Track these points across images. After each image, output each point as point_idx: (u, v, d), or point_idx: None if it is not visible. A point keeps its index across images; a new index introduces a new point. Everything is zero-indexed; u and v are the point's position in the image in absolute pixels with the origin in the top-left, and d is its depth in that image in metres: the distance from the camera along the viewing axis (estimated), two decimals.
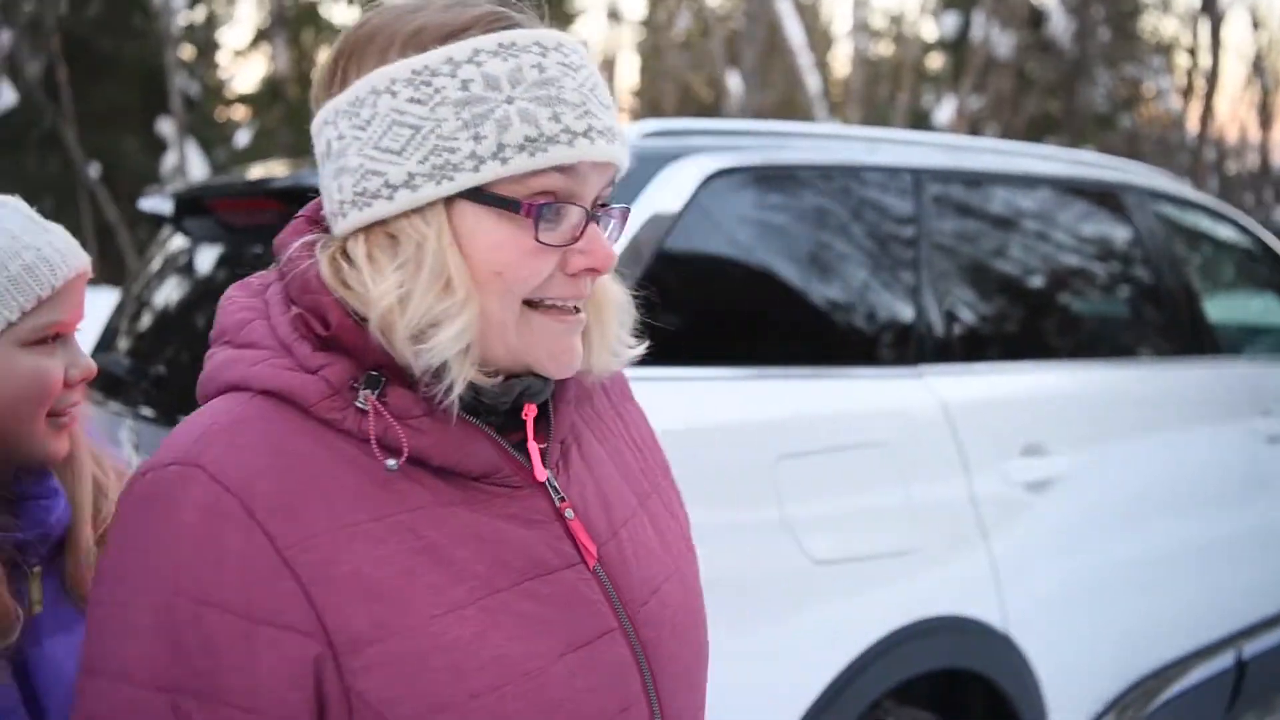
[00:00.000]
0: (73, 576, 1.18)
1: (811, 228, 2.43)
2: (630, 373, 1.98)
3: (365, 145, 0.87)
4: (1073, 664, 2.59)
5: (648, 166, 2.15)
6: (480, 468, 0.91)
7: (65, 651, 1.16)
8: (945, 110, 18.60)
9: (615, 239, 0.97)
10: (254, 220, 2.40)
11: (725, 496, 2.00)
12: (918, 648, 2.22)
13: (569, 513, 0.95)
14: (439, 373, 0.87)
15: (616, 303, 1.02)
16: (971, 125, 18.50)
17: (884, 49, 25.03)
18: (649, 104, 28.68)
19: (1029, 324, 2.84)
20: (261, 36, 22.78)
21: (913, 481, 2.26)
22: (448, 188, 0.86)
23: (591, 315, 0.98)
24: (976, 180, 2.74)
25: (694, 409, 2.03)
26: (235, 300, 0.96)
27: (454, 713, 0.84)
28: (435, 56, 0.86)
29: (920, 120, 19.80)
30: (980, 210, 2.75)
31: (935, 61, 22.93)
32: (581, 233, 0.90)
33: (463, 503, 0.90)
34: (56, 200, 20.91)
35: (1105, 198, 3.11)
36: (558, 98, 0.87)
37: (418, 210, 0.86)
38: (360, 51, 0.90)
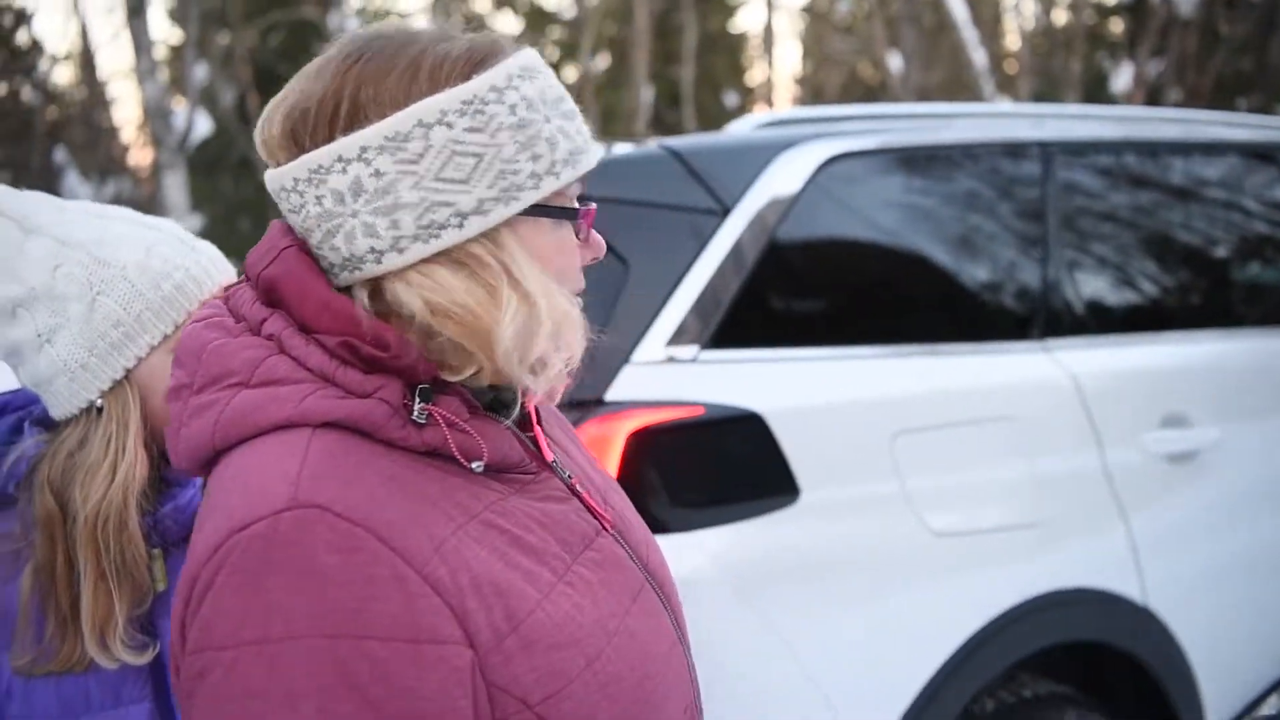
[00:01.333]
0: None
1: (931, 207, 2.44)
2: (747, 354, 2.07)
3: (424, 179, 0.88)
4: (1226, 644, 2.51)
5: (763, 155, 2.22)
6: (511, 461, 0.96)
7: None
8: (1123, 77, 17.72)
9: None
10: None
11: (842, 472, 2.05)
12: (1048, 619, 2.21)
13: (579, 487, 1.03)
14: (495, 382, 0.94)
15: None
16: (1151, 91, 17.58)
17: (1059, 17, 24.02)
18: (812, 91, 28.38)
19: (1168, 293, 2.76)
20: None
21: (1040, 455, 2.25)
22: (515, 208, 0.90)
23: None
24: (1107, 149, 2.68)
25: (811, 389, 2.09)
26: (225, 342, 0.93)
27: (579, 683, 0.89)
28: (480, 85, 0.90)
29: (1096, 89, 18.93)
30: (1111, 180, 2.69)
31: (1114, 27, 21.86)
32: (586, 229, 0.99)
33: (509, 493, 0.95)
34: (252, 219, 22.33)
35: (1248, 158, 2.98)
36: (572, 112, 0.96)
37: (485, 234, 0.90)
38: (375, 86, 0.89)
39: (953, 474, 2.15)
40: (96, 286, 1.28)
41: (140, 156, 22.04)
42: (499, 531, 0.91)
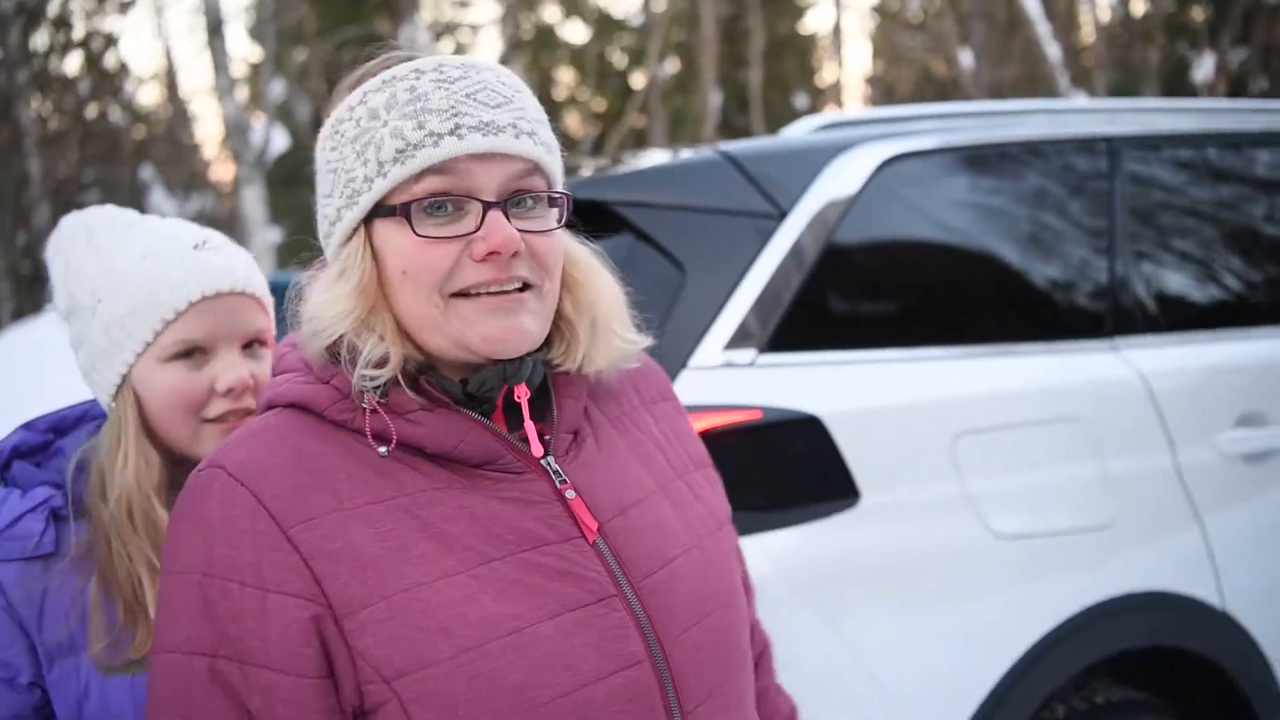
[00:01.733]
0: None
1: (992, 205, 2.41)
2: (805, 357, 2.06)
3: (319, 195, 1.06)
4: None
5: (820, 157, 2.22)
6: (479, 455, 1.02)
7: None
8: (1204, 67, 17.25)
9: (556, 222, 1.05)
10: None
11: (902, 475, 2.03)
12: (1119, 624, 2.16)
13: (569, 493, 1.04)
14: (379, 364, 1.00)
15: (606, 300, 1.11)
16: (1234, 80, 17.09)
17: (1137, 7, 23.46)
18: (883, 90, 28.10)
19: (1242, 289, 2.68)
20: (504, 62, 23.93)
21: (1109, 456, 2.21)
22: (357, 211, 1.01)
23: (575, 313, 1.09)
24: (1175, 142, 2.62)
25: (871, 390, 2.08)
26: (285, 341, 1.11)
27: (442, 667, 0.94)
28: (342, 107, 1.04)
29: (1176, 80, 18.44)
30: (1179, 174, 2.63)
31: (1196, 15, 21.28)
32: (481, 222, 0.98)
33: (460, 486, 1.01)
34: None
35: None
36: (424, 109, 0.99)
37: (348, 239, 1.03)
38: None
39: (1016, 475, 2.12)
40: (99, 294, 1.34)
41: (222, 172, 22.63)
42: (409, 516, 0.98)
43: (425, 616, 0.95)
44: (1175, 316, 2.47)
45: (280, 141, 16.89)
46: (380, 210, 1.01)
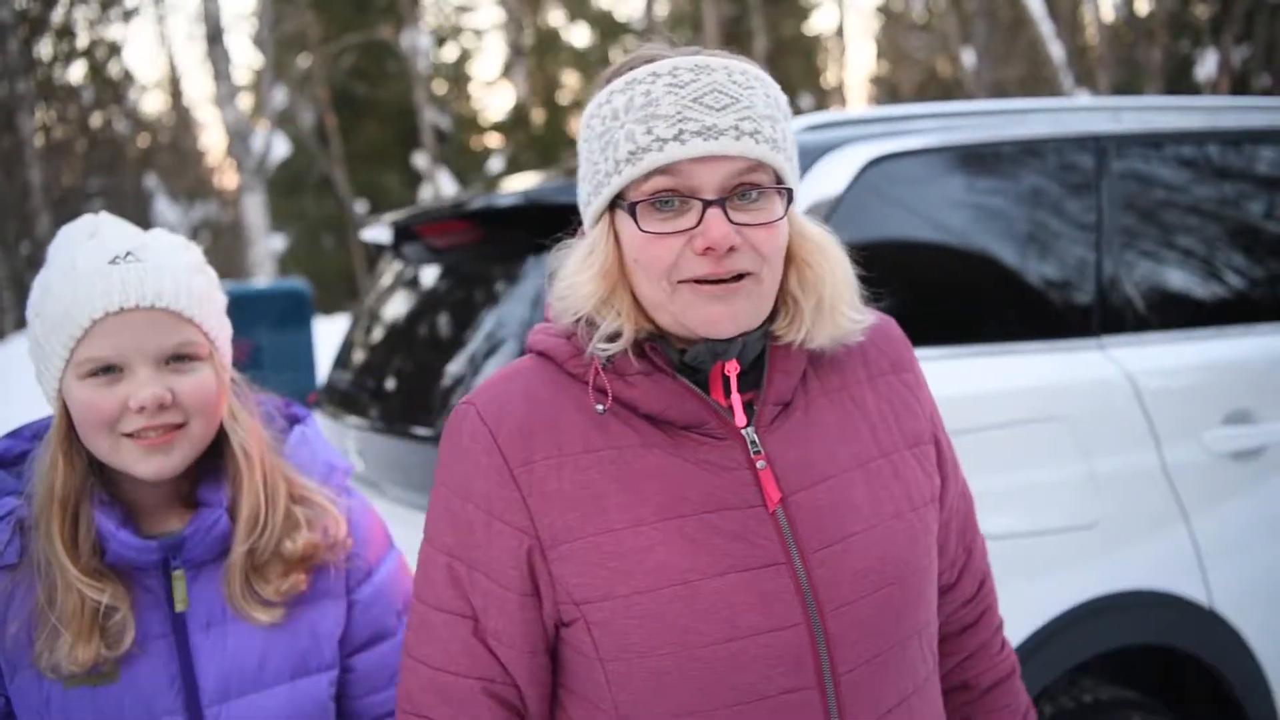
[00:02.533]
0: (223, 581, 1.37)
1: (979, 205, 2.41)
2: None
3: (580, 180, 1.20)
4: None
5: (806, 158, 2.22)
6: (686, 419, 1.15)
7: (217, 644, 1.36)
8: (1207, 64, 17.20)
9: (776, 216, 1.13)
10: (452, 241, 2.63)
11: None
12: (1107, 622, 2.16)
13: (760, 463, 1.14)
14: (612, 338, 1.14)
15: (835, 280, 1.20)
16: (1238, 78, 17.04)
17: (1140, 6, 23.41)
18: (887, 90, 28.08)
19: (1229, 287, 2.68)
20: (509, 66, 23.93)
21: (1095, 454, 2.21)
22: (601, 201, 1.14)
23: (801, 292, 1.18)
24: (1163, 141, 2.62)
25: None
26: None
27: (619, 602, 1.10)
28: (593, 103, 1.16)
29: (1179, 78, 18.40)
30: (1168, 172, 2.63)
31: (1199, 13, 21.21)
32: (700, 219, 1.09)
33: (666, 446, 1.14)
34: (335, 236, 22.81)
35: None
36: (653, 115, 1.09)
37: (597, 221, 1.17)
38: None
39: (1004, 475, 2.12)
40: (35, 308, 1.35)
41: (226, 180, 22.68)
42: (613, 467, 1.13)
43: (611, 558, 1.11)
44: (1162, 315, 2.47)
45: (282, 148, 16.95)
46: (617, 202, 1.14)
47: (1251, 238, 2.70)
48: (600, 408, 1.14)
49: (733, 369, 1.14)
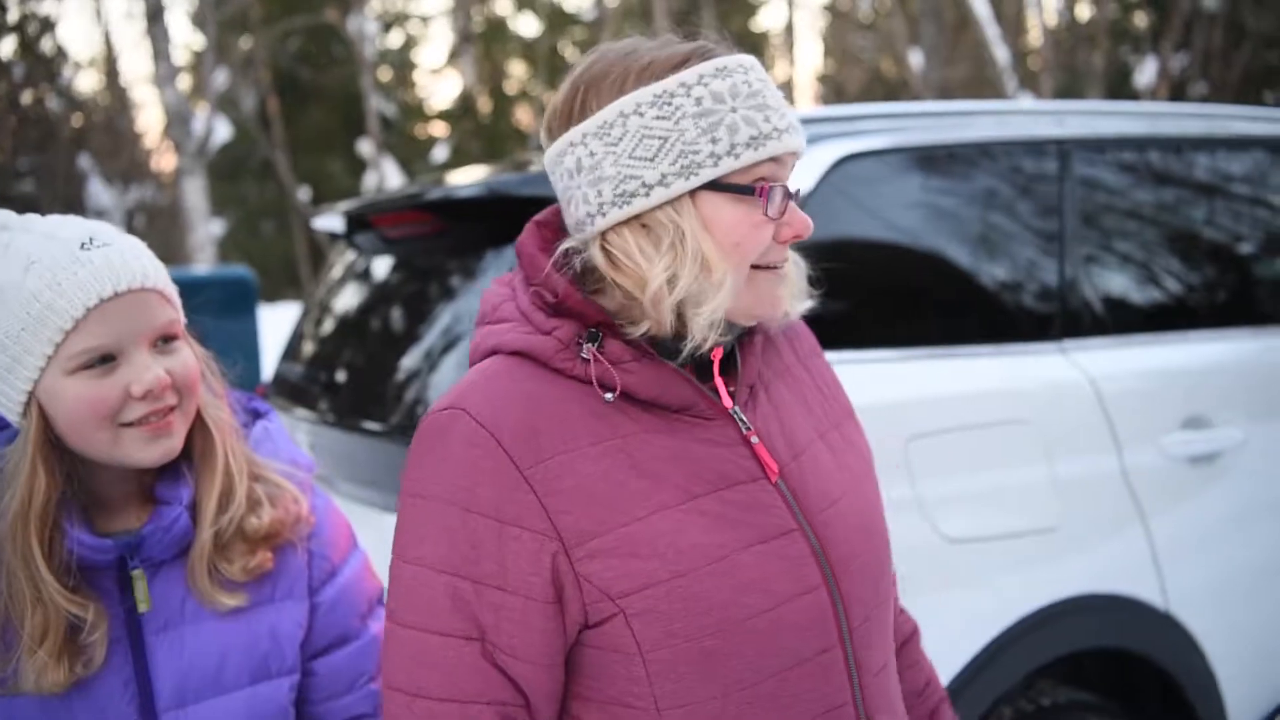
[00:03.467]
0: (188, 571, 1.32)
1: (945, 206, 2.40)
2: None
3: (620, 157, 1.11)
4: (1249, 648, 2.46)
5: None
6: (679, 402, 1.15)
7: (174, 646, 1.30)
8: (1146, 72, 17.54)
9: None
10: (409, 232, 2.57)
11: None
12: (1066, 627, 2.17)
13: (754, 438, 1.17)
14: (680, 333, 1.13)
15: (795, 259, 1.25)
16: (1176, 85, 17.40)
17: (1082, 12, 23.82)
18: (833, 89, 28.28)
19: (1189, 293, 2.71)
20: (455, 54, 23.72)
21: (1057, 458, 2.21)
22: (694, 182, 1.10)
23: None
24: (1125, 146, 2.63)
25: None
26: (493, 291, 1.23)
27: (660, 589, 1.08)
28: (671, 83, 1.11)
29: (1120, 84, 18.75)
30: (1130, 177, 2.64)
31: (1138, 21, 21.63)
32: (785, 208, 1.13)
33: (665, 430, 1.14)
34: (276, 223, 22.45)
35: (1273, 153, 2.92)
36: (766, 105, 1.12)
37: (670, 203, 1.11)
38: (596, 87, 1.14)
39: (967, 479, 2.12)
40: None
41: (163, 162, 22.18)
42: (626, 456, 1.11)
43: (644, 545, 1.09)
44: (1123, 319, 2.48)
45: (224, 132, 16.60)
46: (717, 185, 1.11)
47: (1208, 244, 2.73)
48: (609, 395, 1.12)
49: (717, 354, 1.17)
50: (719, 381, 1.18)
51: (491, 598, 1.09)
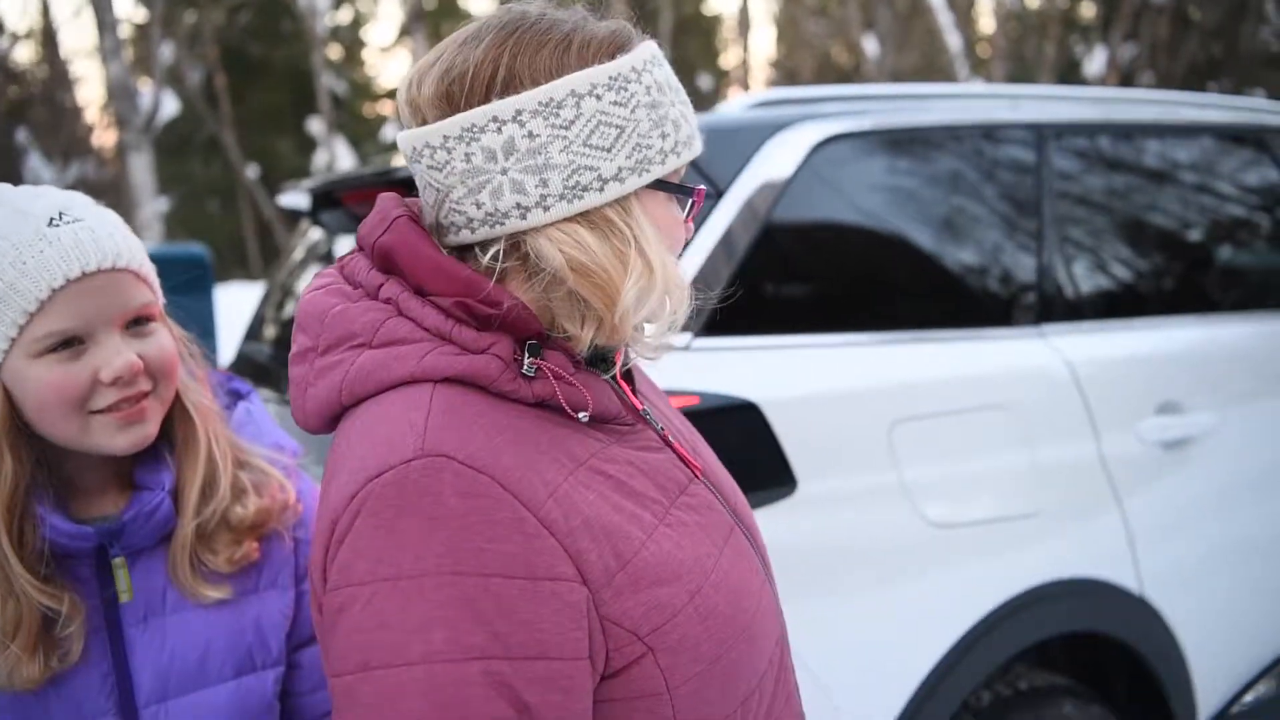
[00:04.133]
0: (169, 564, 1.26)
1: (926, 190, 2.39)
2: (741, 341, 2.01)
3: (573, 143, 0.96)
4: (1217, 630, 2.49)
5: (756, 136, 2.17)
6: (611, 411, 1.03)
7: (155, 638, 1.25)
8: (1096, 61, 17.77)
9: None
10: None
11: (839, 463, 2.00)
12: (1046, 611, 2.17)
13: (671, 438, 1.10)
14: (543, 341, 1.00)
15: None
16: (1124, 75, 17.65)
17: (1031, 1, 24.07)
18: (786, 74, 28.33)
19: (1164, 279, 2.73)
20: (405, 32, 23.42)
21: (1037, 443, 2.21)
22: (645, 179, 0.99)
23: None
24: (1101, 132, 2.64)
25: (806, 377, 2.04)
26: (346, 308, 1.00)
27: (683, 616, 0.96)
28: (624, 65, 0.99)
29: (1069, 73, 18.98)
30: (1106, 163, 2.65)
31: (1086, 11, 21.92)
32: (693, 209, 1.07)
33: (614, 442, 1.03)
34: (221, 201, 22.05)
35: (1245, 141, 2.95)
36: (687, 101, 1.05)
37: (619, 200, 0.98)
38: (529, 56, 0.97)
39: (951, 464, 2.11)
40: None
41: (105, 138, 21.67)
42: (605, 477, 0.98)
43: (662, 570, 0.97)
44: (1099, 304, 2.49)
45: (170, 107, 16.24)
46: (659, 184, 1.01)
47: (1185, 231, 2.75)
48: (583, 415, 0.99)
49: (620, 358, 1.08)
50: (624, 385, 1.10)
51: (538, 673, 0.89)
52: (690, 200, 1.05)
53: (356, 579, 0.89)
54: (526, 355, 0.98)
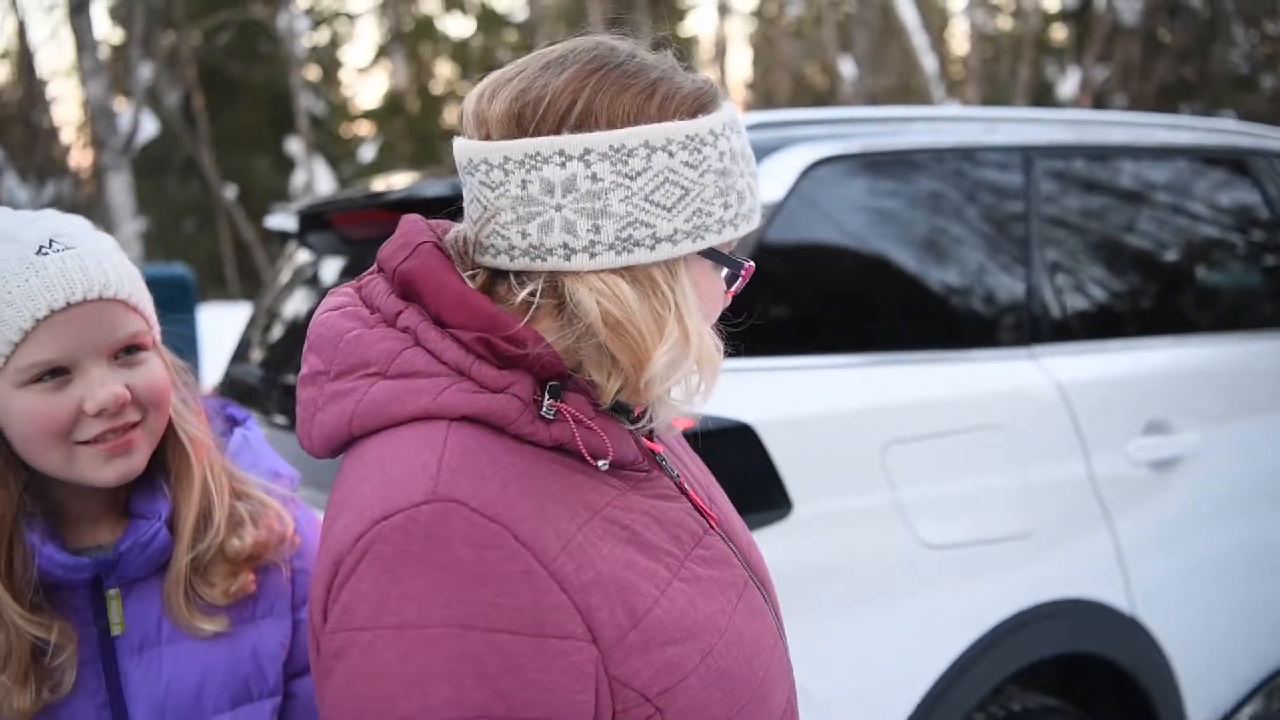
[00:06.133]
0: (164, 595, 1.24)
1: (916, 212, 2.41)
2: (735, 363, 2.02)
3: (635, 195, 0.93)
4: (1208, 649, 2.50)
5: None
6: (629, 456, 0.99)
7: (150, 669, 1.23)
8: (1069, 83, 17.99)
9: None
10: (371, 232, 2.50)
11: (834, 484, 2.00)
12: (1038, 632, 2.18)
13: (686, 485, 1.06)
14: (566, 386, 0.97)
15: None
16: (1097, 97, 17.86)
17: (1004, 24, 24.33)
18: (762, 96, 28.50)
19: (1149, 300, 2.75)
20: (382, 53, 23.42)
21: (1028, 463, 2.22)
22: (699, 245, 0.95)
23: None
24: (1087, 154, 2.67)
25: (801, 398, 2.04)
26: (362, 333, 0.97)
27: (694, 676, 0.93)
28: (702, 126, 0.95)
29: (1043, 95, 19.19)
30: (1092, 185, 2.68)
31: (1058, 34, 22.18)
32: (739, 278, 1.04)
33: (630, 490, 0.99)
34: (199, 221, 21.93)
35: (1225, 163, 2.99)
36: (756, 174, 1.02)
37: (666, 262, 0.95)
38: (611, 96, 0.94)
39: (944, 484, 2.12)
40: None
41: (81, 158, 21.53)
42: (620, 528, 0.94)
43: (674, 629, 0.93)
44: (1090, 325, 2.51)
45: (149, 128, 16.16)
46: (711, 253, 0.98)
47: (1171, 251, 2.78)
48: (603, 463, 0.95)
49: (639, 406, 1.04)
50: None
51: None
52: (737, 275, 1.02)
53: (357, 623, 0.85)
54: (547, 397, 0.94)
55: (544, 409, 0.93)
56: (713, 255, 0.97)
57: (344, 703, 0.86)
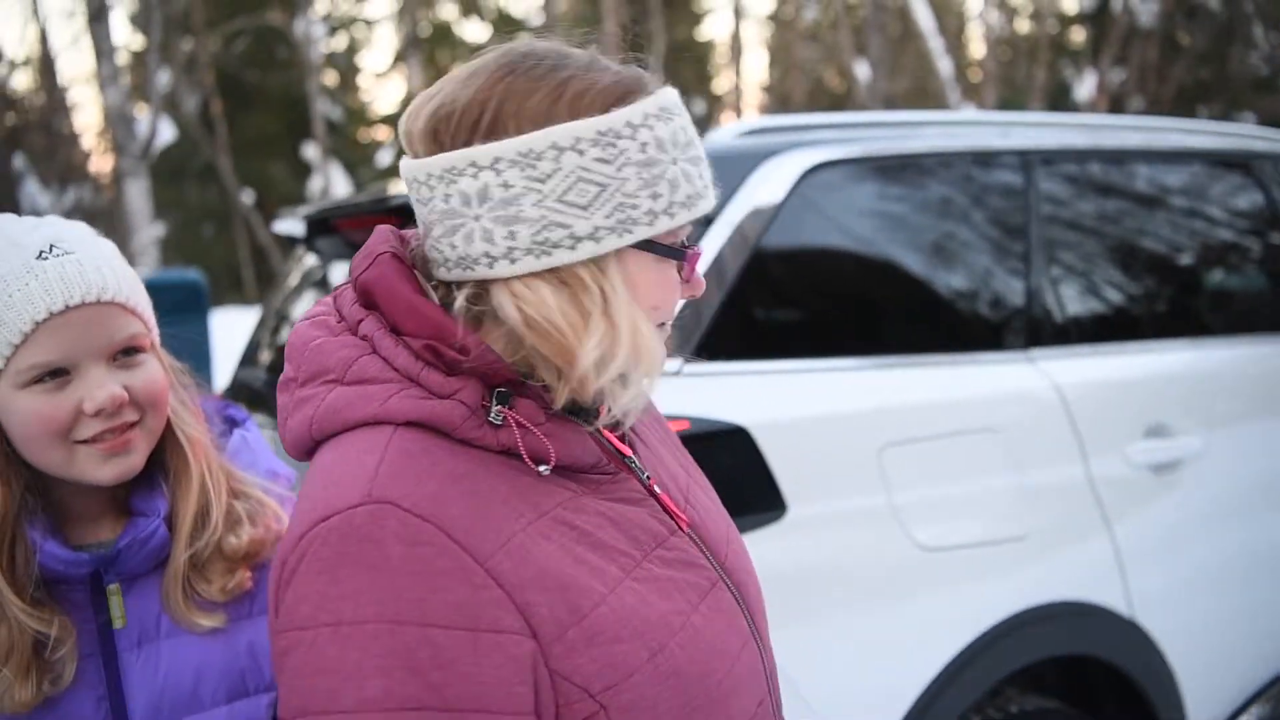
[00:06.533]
0: (162, 592, 1.27)
1: (915, 215, 2.42)
2: (731, 366, 2.04)
3: (546, 198, 0.93)
4: (1211, 654, 2.50)
5: (746, 163, 2.19)
6: (589, 460, 1.01)
7: (149, 663, 1.26)
8: (1085, 86, 17.91)
9: None
10: None
11: (830, 486, 2.02)
12: (1035, 634, 2.18)
13: (657, 488, 1.07)
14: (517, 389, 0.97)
15: None
16: (1114, 99, 17.78)
17: (1020, 26, 24.25)
18: (778, 99, 28.50)
19: (1151, 303, 2.76)
20: (399, 59, 23.54)
21: (1026, 467, 2.23)
22: (627, 239, 0.95)
23: None
24: (1088, 159, 2.67)
25: (796, 401, 2.06)
26: (325, 341, 1.00)
27: (641, 675, 0.94)
28: (616, 120, 0.94)
29: (1059, 98, 19.11)
30: (1091, 189, 2.68)
31: (1075, 36, 22.10)
32: (692, 268, 1.04)
33: (587, 492, 1.00)
34: (217, 226, 22.10)
35: (1231, 167, 2.98)
36: (699, 157, 1.00)
37: (594, 260, 0.94)
38: (518, 102, 0.94)
39: (940, 487, 2.13)
40: None
41: (101, 163, 21.73)
42: (569, 528, 0.96)
43: (620, 627, 0.94)
44: (1086, 328, 2.52)
45: (167, 133, 16.29)
46: (646, 245, 0.97)
47: (1170, 255, 2.78)
48: (544, 468, 0.96)
49: (605, 409, 1.05)
50: (609, 435, 1.08)
51: None
52: (696, 263, 1.02)
53: (299, 622, 0.89)
54: (495, 403, 0.95)
55: (492, 414, 0.95)
56: (649, 247, 0.97)
57: (290, 700, 0.89)
